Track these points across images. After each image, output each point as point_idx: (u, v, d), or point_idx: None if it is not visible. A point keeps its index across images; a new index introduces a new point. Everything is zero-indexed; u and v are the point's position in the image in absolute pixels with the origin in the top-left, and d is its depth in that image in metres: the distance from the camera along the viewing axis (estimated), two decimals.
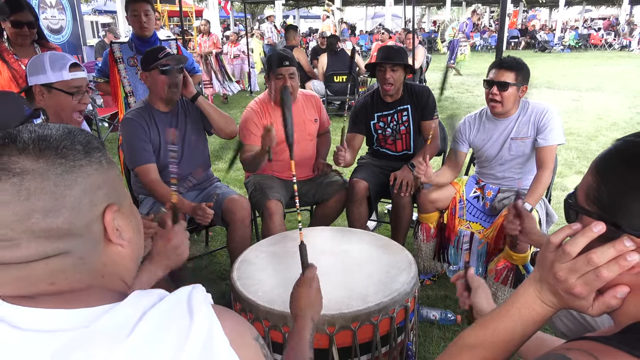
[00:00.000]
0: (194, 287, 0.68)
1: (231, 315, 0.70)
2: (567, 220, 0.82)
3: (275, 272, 1.83)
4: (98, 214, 0.64)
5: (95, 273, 0.65)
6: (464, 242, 2.55)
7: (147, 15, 3.10)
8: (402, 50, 2.84)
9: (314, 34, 18.97)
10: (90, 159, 0.63)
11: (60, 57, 1.96)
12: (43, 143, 0.60)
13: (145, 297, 0.64)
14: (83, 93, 1.96)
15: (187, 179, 2.44)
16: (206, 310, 0.64)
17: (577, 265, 0.70)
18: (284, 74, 2.58)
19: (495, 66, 2.35)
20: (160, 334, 0.59)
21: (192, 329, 0.61)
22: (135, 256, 0.72)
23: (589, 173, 0.77)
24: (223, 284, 2.82)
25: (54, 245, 0.60)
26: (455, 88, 10.67)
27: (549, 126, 2.30)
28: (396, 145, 2.91)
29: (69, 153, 0.61)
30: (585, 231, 0.70)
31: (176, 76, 2.33)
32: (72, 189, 0.60)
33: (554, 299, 0.75)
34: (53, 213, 0.59)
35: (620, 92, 9.43)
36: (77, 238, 0.61)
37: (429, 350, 2.21)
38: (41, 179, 0.58)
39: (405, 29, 9.52)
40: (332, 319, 1.51)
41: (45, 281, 0.61)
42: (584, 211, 0.75)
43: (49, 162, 0.59)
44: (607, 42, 22.88)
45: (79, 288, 0.63)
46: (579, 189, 0.78)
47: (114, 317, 0.60)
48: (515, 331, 0.78)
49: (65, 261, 0.61)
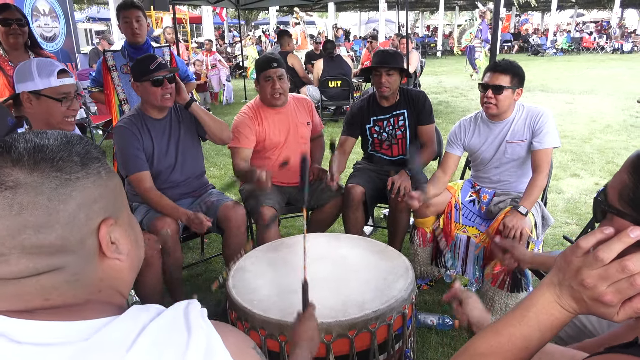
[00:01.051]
0: (190, 303, 0.67)
1: (229, 329, 0.69)
2: (595, 220, 0.78)
3: (271, 280, 1.81)
4: (93, 228, 0.62)
5: (91, 288, 0.63)
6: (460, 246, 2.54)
7: (138, 22, 3.09)
8: (398, 54, 2.84)
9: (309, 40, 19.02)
10: (88, 170, 0.61)
11: (48, 63, 1.93)
12: (39, 154, 0.58)
13: (143, 312, 0.62)
14: (72, 99, 1.93)
15: (194, 185, 2.46)
16: (204, 325, 0.63)
17: (609, 273, 0.65)
18: (273, 75, 2.59)
19: (490, 69, 2.35)
20: (159, 349, 0.58)
21: (190, 344, 0.60)
22: (134, 268, 0.71)
23: (623, 171, 0.71)
24: (219, 291, 2.79)
25: (45, 262, 0.58)
26: (450, 92, 10.71)
27: (544, 129, 2.30)
28: (392, 149, 2.90)
29: (65, 165, 0.59)
30: (620, 236, 0.65)
31: (169, 86, 2.31)
32: (66, 203, 0.58)
33: (575, 305, 0.71)
34: (45, 229, 0.57)
35: (613, 95, 9.49)
36: (70, 254, 0.59)
37: (427, 356, 2.19)
38: (34, 193, 0.56)
39: (398, 34, 9.54)
40: (329, 327, 1.50)
41: (39, 297, 0.59)
42: (616, 212, 0.70)
43: (43, 175, 0.57)
44: (599, 45, 23.07)
45: (75, 303, 0.61)
46: (610, 187, 0.73)
47: (114, 330, 0.58)
48: (532, 338, 0.74)
49: (57, 278, 0.59)
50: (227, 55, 17.02)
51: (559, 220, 3.66)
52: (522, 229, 2.15)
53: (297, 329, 1.21)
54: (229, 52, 17.78)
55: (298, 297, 1.32)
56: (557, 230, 3.47)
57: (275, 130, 2.72)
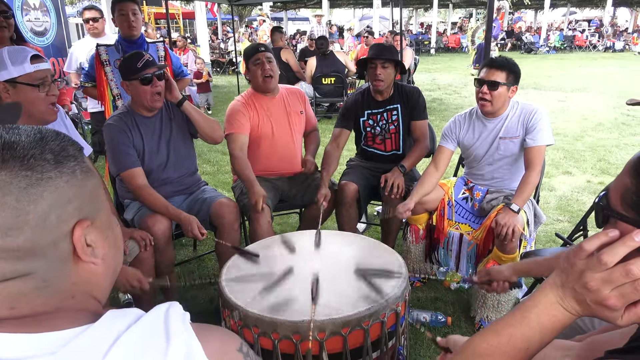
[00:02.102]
0: (171, 306, 0.63)
1: (212, 333, 0.65)
2: (597, 224, 0.77)
3: (264, 277, 1.80)
4: (67, 230, 0.58)
5: (63, 295, 0.59)
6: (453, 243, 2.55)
7: (134, 15, 3.07)
8: (393, 47, 2.85)
9: (301, 36, 18.96)
10: (62, 169, 0.57)
11: (19, 50, 1.88)
12: (8, 152, 0.54)
13: (120, 318, 0.58)
14: (49, 84, 1.89)
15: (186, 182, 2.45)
16: (184, 331, 0.60)
17: (613, 277, 0.64)
18: (261, 57, 2.62)
19: (487, 65, 2.36)
20: (135, 358, 0.55)
21: (169, 353, 0.56)
22: (111, 272, 0.67)
23: (625, 175, 0.70)
24: (211, 289, 2.78)
25: (13, 267, 0.54)
26: (443, 89, 10.73)
27: (538, 126, 2.31)
28: (385, 144, 2.90)
29: (37, 164, 0.55)
30: (625, 240, 0.64)
31: (158, 84, 2.29)
32: (37, 204, 0.55)
33: (578, 307, 0.70)
34: (13, 231, 0.53)
35: (605, 93, 9.56)
36: (40, 258, 0.55)
37: (420, 353, 2.20)
38: (1, 194, 0.53)
39: (392, 31, 9.53)
40: (322, 325, 1.49)
41: (4, 306, 0.55)
42: (619, 216, 0.69)
43: (12, 175, 0.53)
44: (591, 43, 23.22)
45: (45, 311, 0.57)
46: (613, 191, 0.72)
47: (85, 341, 0.54)
48: (533, 339, 0.72)
49: (26, 284, 0.55)
50: (221, 52, 16.94)
51: (551, 217, 3.69)
52: (515, 226, 2.16)
53: None
54: (222, 48, 17.69)
55: (291, 294, 1.32)
56: (549, 227, 3.49)
57: (269, 117, 2.72)
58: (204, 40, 13.45)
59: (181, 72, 3.50)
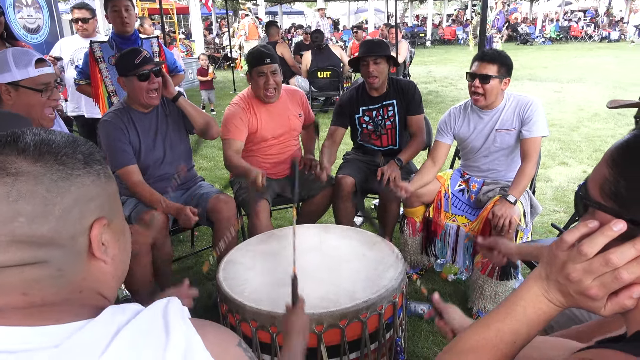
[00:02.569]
0: (169, 301, 0.65)
1: (212, 328, 0.67)
2: (577, 214, 0.78)
3: (262, 272, 1.81)
4: (86, 226, 0.62)
5: (72, 287, 0.62)
6: (450, 235, 2.56)
7: (127, 11, 3.04)
8: (383, 42, 2.83)
9: (296, 30, 18.89)
10: (89, 169, 0.62)
11: (24, 52, 1.87)
12: (44, 147, 0.59)
13: (119, 313, 0.61)
14: (52, 89, 1.89)
15: (172, 179, 2.41)
16: (183, 326, 0.62)
17: (593, 267, 0.65)
18: (266, 71, 2.56)
19: (478, 59, 2.35)
20: (135, 352, 0.57)
21: (168, 347, 0.58)
22: (118, 275, 0.70)
23: (603, 164, 0.70)
24: (210, 284, 2.79)
25: (33, 253, 0.57)
26: (439, 82, 10.72)
27: (534, 118, 2.31)
28: (381, 140, 2.90)
29: (69, 161, 0.60)
30: (604, 230, 0.64)
31: (155, 81, 2.28)
32: (64, 197, 0.59)
33: (563, 299, 0.71)
34: (39, 219, 0.57)
35: (601, 83, 9.57)
36: (58, 249, 0.59)
37: (418, 344, 2.21)
38: (34, 183, 0.57)
39: (387, 24, 9.51)
40: (320, 317, 1.50)
41: (18, 291, 0.58)
42: (598, 206, 0.69)
43: (46, 167, 0.58)
44: (587, 33, 23.19)
45: (53, 302, 0.60)
46: (591, 181, 0.72)
47: (86, 335, 0.57)
48: (520, 332, 0.74)
49: (42, 271, 0.58)
50: (216, 47, 16.86)
51: (548, 208, 3.70)
52: (511, 217, 2.17)
53: (287, 319, 1.22)
54: (217, 43, 17.60)
55: (289, 289, 1.33)
56: (546, 218, 3.51)
57: (268, 122, 2.69)
58: (199, 36, 13.36)
59: (175, 67, 3.48)
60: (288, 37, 17.33)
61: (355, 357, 1.61)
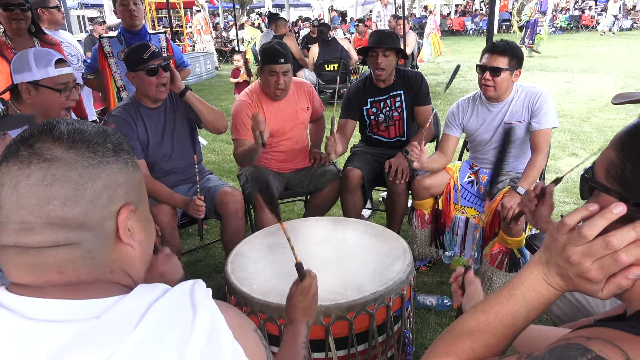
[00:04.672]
0: (196, 282, 0.69)
1: (232, 309, 0.72)
2: (582, 197, 0.78)
3: (269, 264, 1.81)
4: (114, 211, 0.65)
5: (103, 268, 0.66)
6: (459, 228, 2.55)
7: (136, 5, 3.07)
8: (394, 34, 2.80)
9: (303, 22, 18.80)
10: (118, 158, 0.66)
11: (45, 53, 1.91)
12: (77, 135, 0.63)
13: (150, 291, 0.65)
14: (70, 89, 1.92)
15: (191, 172, 2.45)
16: (209, 304, 0.66)
17: (593, 249, 0.65)
18: (278, 71, 2.55)
19: (488, 51, 2.32)
20: (165, 326, 0.61)
21: (195, 322, 0.62)
22: (144, 259, 0.74)
23: (611, 148, 0.71)
24: (218, 277, 2.81)
25: (66, 235, 0.61)
26: (448, 73, 10.63)
27: (543, 109, 2.28)
28: (389, 131, 2.89)
29: (100, 149, 0.64)
30: (604, 213, 0.65)
31: (163, 75, 2.29)
32: (94, 182, 0.62)
33: (562, 282, 0.72)
34: (71, 202, 0.61)
35: (612, 73, 9.43)
36: (89, 231, 0.63)
37: (426, 336, 2.21)
38: (68, 168, 0.61)
39: (395, 16, 9.41)
40: (328, 310, 1.50)
41: (54, 269, 0.62)
42: (603, 188, 0.70)
43: (79, 154, 0.62)
44: (598, 23, 22.81)
45: (87, 280, 0.64)
46: (598, 164, 0.72)
47: (122, 309, 0.61)
48: (519, 315, 0.75)
49: (75, 252, 0.62)
50: (223, 40, 16.84)
51: (557, 199, 3.67)
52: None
53: (291, 300, 1.17)
54: (224, 36, 17.59)
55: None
56: (556, 209, 3.43)
57: (276, 117, 2.69)
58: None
59: (182, 62, 3.50)
60: (295, 30, 17.27)
61: (363, 349, 1.61)
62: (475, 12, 25.13)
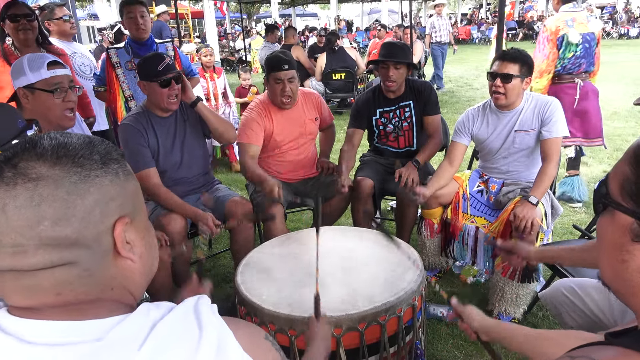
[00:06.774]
0: (200, 298, 0.68)
1: (240, 323, 0.71)
2: (595, 212, 0.75)
3: (279, 274, 1.80)
4: (109, 225, 0.63)
5: (103, 286, 0.64)
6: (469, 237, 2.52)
7: (142, 17, 3.09)
8: (406, 47, 2.79)
9: (310, 32, 18.93)
10: (107, 169, 0.63)
11: (38, 56, 1.92)
12: (61, 150, 0.60)
13: (154, 309, 0.63)
14: (66, 90, 1.91)
15: (200, 182, 2.48)
16: (214, 321, 0.64)
17: None
18: (283, 78, 2.56)
19: (499, 58, 2.32)
20: (171, 345, 0.59)
21: (202, 340, 0.60)
22: (146, 272, 0.71)
23: (625, 162, 0.67)
24: (228, 286, 2.80)
25: (60, 255, 0.59)
26: (455, 82, 10.63)
27: (554, 118, 2.27)
28: (399, 142, 2.88)
29: (86, 162, 0.61)
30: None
31: (175, 87, 2.31)
32: (84, 198, 0.60)
33: None
34: (63, 222, 0.58)
35: (620, 81, 9.38)
36: (84, 249, 0.60)
37: (437, 347, 2.18)
38: (55, 186, 0.58)
39: (400, 25, 9.44)
40: (339, 321, 1.49)
41: (52, 291, 0.60)
42: (616, 206, 0.66)
43: (64, 170, 0.59)
44: (605, 30, 22.76)
45: (86, 300, 0.62)
46: (612, 179, 0.69)
47: (125, 329, 0.59)
48: None
49: (71, 272, 0.60)
50: (230, 50, 16.98)
51: (568, 209, 3.63)
52: (533, 219, 2.13)
53: (309, 334, 1.25)
54: (232, 46, 17.73)
55: (307, 291, 1.32)
56: (566, 219, 3.44)
57: (284, 127, 2.70)
58: (214, 40, 13.48)
59: (190, 71, 3.52)
60: (302, 40, 17.38)
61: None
62: (481, 20, 25.17)
